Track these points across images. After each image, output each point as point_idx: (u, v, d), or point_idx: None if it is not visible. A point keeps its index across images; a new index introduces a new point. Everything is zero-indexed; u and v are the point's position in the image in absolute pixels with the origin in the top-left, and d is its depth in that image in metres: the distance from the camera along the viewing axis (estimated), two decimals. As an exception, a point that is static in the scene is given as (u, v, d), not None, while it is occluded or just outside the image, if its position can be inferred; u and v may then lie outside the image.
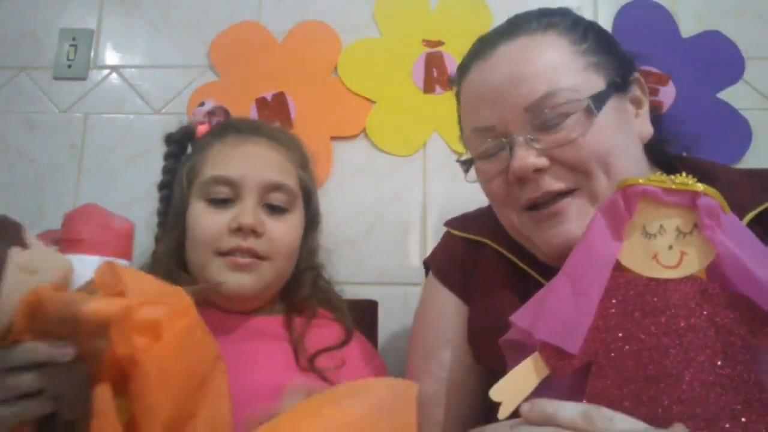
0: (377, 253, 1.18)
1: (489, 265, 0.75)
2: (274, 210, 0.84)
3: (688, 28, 1.23)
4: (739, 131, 1.17)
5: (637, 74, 0.70)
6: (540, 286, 0.64)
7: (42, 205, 1.22)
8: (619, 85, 0.68)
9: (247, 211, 0.80)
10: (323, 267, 0.95)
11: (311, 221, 0.92)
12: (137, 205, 1.14)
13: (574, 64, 0.66)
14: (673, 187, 0.50)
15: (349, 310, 0.91)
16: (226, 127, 0.91)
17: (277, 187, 0.84)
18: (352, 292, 1.01)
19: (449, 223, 0.85)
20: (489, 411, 0.75)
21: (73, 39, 1.30)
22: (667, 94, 1.18)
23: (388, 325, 1.08)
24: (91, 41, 1.30)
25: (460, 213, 0.87)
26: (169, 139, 0.94)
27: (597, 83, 0.66)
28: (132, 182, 1.21)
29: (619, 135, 0.66)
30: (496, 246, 0.75)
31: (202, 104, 0.95)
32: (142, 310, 0.48)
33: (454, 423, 0.74)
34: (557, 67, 0.65)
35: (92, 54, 1.30)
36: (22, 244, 0.50)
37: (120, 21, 1.32)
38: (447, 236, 0.85)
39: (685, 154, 0.76)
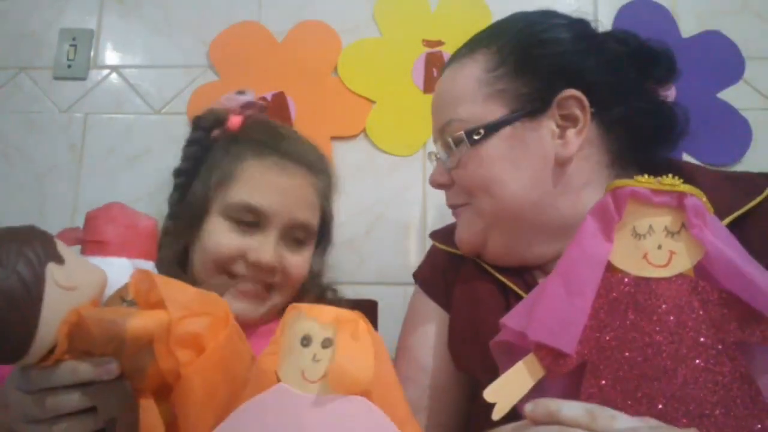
0: (377, 253, 1.18)
1: (470, 276, 0.76)
2: (293, 243, 0.85)
3: (688, 28, 1.22)
4: (739, 131, 1.17)
5: (570, 92, 0.67)
6: (519, 298, 0.65)
7: (42, 205, 1.21)
8: (531, 110, 0.68)
9: (268, 248, 0.80)
10: (330, 289, 0.95)
11: (321, 244, 0.93)
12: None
13: (476, 94, 0.70)
14: (661, 188, 0.50)
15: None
16: (266, 143, 0.86)
17: (302, 226, 0.85)
18: (352, 292, 1.01)
19: (434, 236, 0.87)
20: (471, 417, 0.76)
21: (73, 39, 1.29)
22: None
23: (388, 325, 1.07)
24: (91, 41, 1.30)
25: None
26: (197, 124, 0.90)
27: (495, 112, 0.69)
28: (132, 182, 1.21)
29: (509, 162, 0.68)
30: (475, 259, 0.77)
31: (242, 92, 0.90)
32: (185, 324, 0.48)
33: (436, 428, 0.75)
34: (459, 97, 0.72)
35: (92, 54, 1.30)
36: (58, 259, 0.48)
37: (120, 21, 1.32)
38: (432, 248, 0.88)
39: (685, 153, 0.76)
